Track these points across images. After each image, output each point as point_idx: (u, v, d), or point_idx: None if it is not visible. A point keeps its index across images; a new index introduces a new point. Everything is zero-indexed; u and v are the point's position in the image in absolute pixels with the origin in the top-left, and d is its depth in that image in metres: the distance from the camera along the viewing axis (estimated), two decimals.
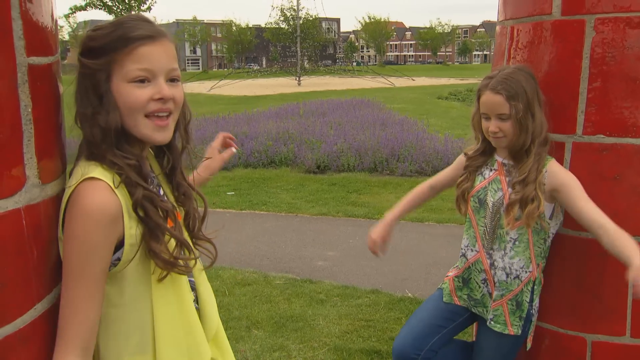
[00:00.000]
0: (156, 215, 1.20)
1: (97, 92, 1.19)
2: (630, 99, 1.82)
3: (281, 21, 57.77)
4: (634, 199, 1.86)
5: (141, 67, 1.18)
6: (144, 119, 1.21)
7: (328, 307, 4.12)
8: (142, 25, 1.21)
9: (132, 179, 1.18)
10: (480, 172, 2.11)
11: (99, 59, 1.18)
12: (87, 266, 1.14)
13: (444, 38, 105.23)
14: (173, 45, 1.26)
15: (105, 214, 1.14)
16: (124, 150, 1.20)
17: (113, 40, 1.18)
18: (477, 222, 2.07)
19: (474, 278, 2.10)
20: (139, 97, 1.19)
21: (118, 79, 1.19)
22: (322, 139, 10.53)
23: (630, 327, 1.91)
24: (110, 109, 1.18)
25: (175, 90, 1.23)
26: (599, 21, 1.83)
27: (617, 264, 1.88)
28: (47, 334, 1.17)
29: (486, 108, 1.96)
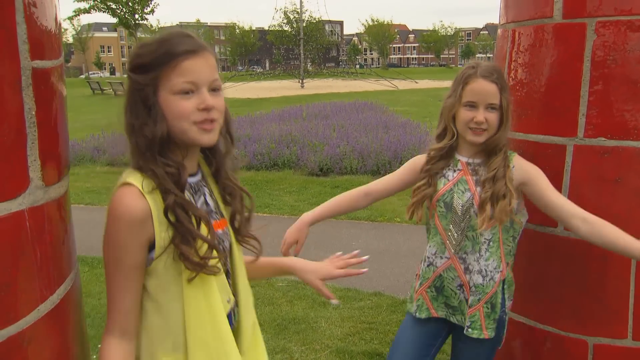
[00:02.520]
0: (187, 220, 1.28)
1: (145, 104, 1.29)
2: (632, 102, 1.82)
3: (284, 24, 57.96)
4: (635, 202, 1.87)
5: (185, 79, 1.28)
6: (192, 126, 1.30)
7: (330, 309, 4.12)
8: (185, 40, 1.31)
9: (166, 186, 1.27)
10: (442, 175, 1.99)
11: (147, 74, 1.28)
12: (117, 262, 1.27)
13: (447, 41, 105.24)
14: (214, 57, 1.36)
15: (132, 216, 1.25)
16: (167, 158, 1.30)
17: (159, 57, 1.28)
18: (445, 227, 1.97)
19: (448, 285, 1.99)
20: (185, 107, 1.28)
21: (165, 91, 1.28)
22: (325, 141, 10.54)
23: (632, 330, 1.91)
24: (158, 119, 1.29)
25: (216, 99, 1.32)
26: (600, 24, 1.83)
27: (618, 266, 1.89)
28: (51, 335, 1.18)
29: (476, 96, 1.88)
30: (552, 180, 1.96)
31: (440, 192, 1.96)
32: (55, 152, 1.22)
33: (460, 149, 1.99)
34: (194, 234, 1.28)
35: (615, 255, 1.88)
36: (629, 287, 1.89)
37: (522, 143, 2.05)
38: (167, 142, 1.30)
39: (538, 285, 2.06)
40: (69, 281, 1.29)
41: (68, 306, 1.28)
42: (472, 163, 1.96)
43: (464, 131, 1.92)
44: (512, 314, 2.13)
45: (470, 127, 1.89)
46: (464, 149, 1.98)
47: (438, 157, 1.99)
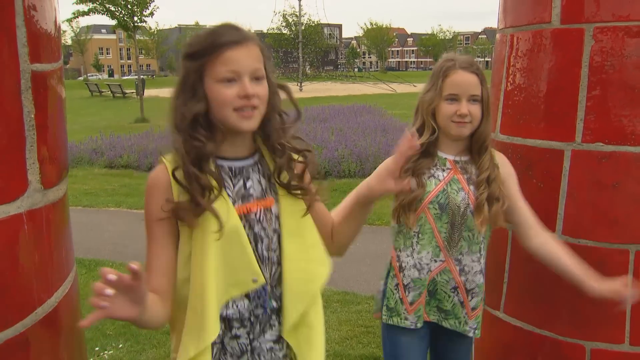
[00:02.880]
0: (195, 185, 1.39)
1: (192, 88, 1.40)
2: (629, 107, 1.83)
3: (283, 27, 57.93)
4: (633, 207, 1.87)
5: (228, 68, 1.37)
6: (233, 112, 1.40)
7: (328, 313, 4.11)
8: (230, 32, 1.41)
9: (182, 159, 1.39)
10: (431, 175, 1.90)
11: (194, 62, 1.40)
12: (148, 229, 1.45)
13: (445, 44, 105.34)
14: (258, 48, 1.45)
15: (155, 184, 1.44)
16: (200, 133, 1.41)
17: (205, 47, 1.39)
18: (439, 229, 1.89)
19: (441, 289, 1.94)
20: (227, 94, 1.38)
21: (209, 78, 1.39)
22: (324, 144, 10.54)
23: (629, 335, 1.91)
24: (199, 99, 1.40)
25: (258, 87, 1.42)
26: (597, 30, 1.84)
27: (615, 271, 1.89)
28: (48, 338, 1.17)
29: (457, 88, 1.84)
30: (550, 185, 1.97)
31: (434, 192, 1.88)
32: (54, 155, 1.22)
33: (443, 147, 1.92)
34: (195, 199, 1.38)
35: (612, 260, 1.89)
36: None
37: (520, 147, 2.05)
38: (204, 121, 1.41)
39: (535, 289, 2.06)
40: (67, 284, 1.29)
41: (66, 309, 1.28)
42: (459, 161, 1.92)
43: (447, 125, 1.87)
44: (509, 318, 2.14)
45: (453, 120, 1.84)
46: (447, 147, 1.92)
47: (417, 155, 1.89)
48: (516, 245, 2.10)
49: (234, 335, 1.51)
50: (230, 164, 1.50)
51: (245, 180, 1.51)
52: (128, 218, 7.24)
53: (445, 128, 1.88)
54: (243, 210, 1.48)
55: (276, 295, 1.54)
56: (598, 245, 1.90)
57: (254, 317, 1.52)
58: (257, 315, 1.52)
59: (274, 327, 1.55)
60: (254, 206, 1.50)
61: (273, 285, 1.53)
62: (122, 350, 3.73)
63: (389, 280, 2.02)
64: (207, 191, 1.41)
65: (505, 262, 2.14)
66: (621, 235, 1.87)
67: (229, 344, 1.51)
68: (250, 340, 1.52)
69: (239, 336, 1.51)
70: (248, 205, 1.49)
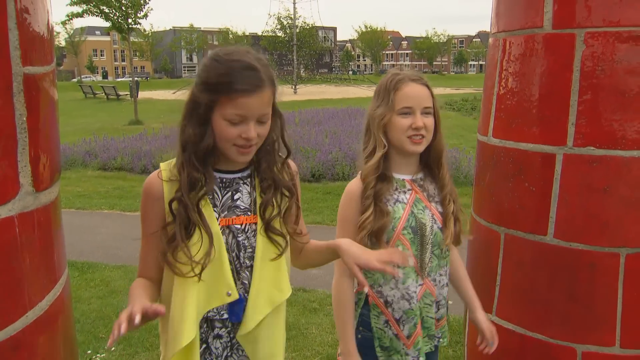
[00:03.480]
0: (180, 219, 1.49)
1: (201, 117, 1.49)
2: (620, 112, 1.84)
3: (278, 29, 57.97)
4: (623, 211, 1.88)
5: (237, 112, 1.46)
6: (232, 147, 1.51)
7: (321, 315, 4.12)
8: (247, 76, 1.46)
9: (181, 184, 1.49)
10: (394, 200, 1.84)
11: (207, 94, 1.47)
12: (142, 227, 1.58)
13: (439, 48, 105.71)
14: (271, 91, 1.52)
15: (148, 192, 1.55)
16: (203, 164, 1.51)
17: (221, 85, 1.45)
18: (415, 253, 1.83)
19: (427, 315, 1.88)
20: (230, 133, 1.48)
21: (218, 114, 1.47)
22: (318, 147, 10.56)
23: (619, 338, 1.93)
24: (207, 134, 1.50)
25: (260, 128, 1.52)
26: (589, 35, 1.85)
27: (606, 274, 1.90)
28: (39, 341, 1.17)
29: (410, 100, 1.79)
30: (542, 189, 1.98)
31: (404, 218, 1.82)
32: (46, 158, 1.22)
33: (397, 167, 1.87)
34: (177, 234, 1.48)
35: (603, 264, 1.90)
36: (617, 295, 1.90)
37: (512, 151, 2.06)
38: (210, 151, 1.51)
39: (527, 293, 2.07)
40: (59, 287, 1.29)
41: (57, 312, 1.27)
42: (416, 179, 1.88)
43: (401, 141, 1.81)
44: (501, 321, 2.15)
45: (408, 135, 1.79)
46: (400, 167, 1.87)
47: (374, 180, 1.83)
48: (508, 249, 2.11)
49: (217, 334, 1.61)
50: (222, 175, 1.59)
51: (233, 193, 1.60)
52: (121, 220, 7.22)
53: (399, 145, 1.82)
54: (227, 222, 1.57)
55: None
56: (589, 248, 1.91)
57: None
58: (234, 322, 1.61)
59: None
60: (240, 220, 1.59)
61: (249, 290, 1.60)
62: (114, 353, 3.71)
63: (374, 320, 1.90)
64: (191, 226, 1.49)
65: (497, 266, 2.15)
66: (612, 239, 1.88)
67: (212, 344, 1.60)
68: (230, 338, 1.62)
69: (221, 336, 1.61)
70: (233, 219, 1.58)
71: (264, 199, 1.60)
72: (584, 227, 1.92)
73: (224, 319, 1.59)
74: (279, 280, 1.64)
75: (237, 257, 1.58)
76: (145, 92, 40.00)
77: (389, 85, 1.82)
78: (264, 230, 1.59)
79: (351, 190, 1.90)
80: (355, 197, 1.86)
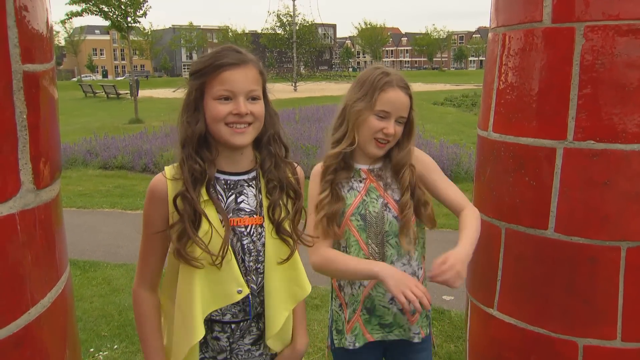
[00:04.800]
0: (187, 215, 1.49)
1: (194, 105, 1.52)
2: (620, 106, 1.84)
3: (277, 27, 57.88)
4: (623, 204, 1.88)
5: (224, 87, 1.49)
6: (225, 127, 1.51)
7: (323, 312, 4.12)
8: (230, 54, 1.51)
9: (184, 179, 1.50)
10: (349, 187, 1.88)
11: (197, 80, 1.52)
12: (144, 228, 1.60)
13: (439, 44, 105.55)
14: (257, 70, 1.55)
15: (153, 193, 1.56)
16: (201, 155, 1.52)
17: (207, 67, 1.50)
18: (365, 241, 1.85)
19: (379, 303, 1.89)
20: (221, 111, 1.49)
21: (208, 96, 1.51)
22: (318, 144, 10.56)
23: (621, 331, 1.93)
24: (199, 119, 1.51)
25: (253, 106, 1.52)
26: (588, 29, 1.85)
27: (607, 268, 1.91)
28: (41, 339, 1.17)
29: (391, 106, 1.80)
30: (543, 183, 1.98)
31: (354, 204, 1.86)
32: (47, 155, 1.22)
33: (358, 158, 1.90)
34: (186, 229, 1.48)
35: (604, 258, 1.90)
36: (618, 288, 1.91)
37: (512, 146, 2.06)
38: (205, 140, 1.53)
39: (527, 287, 2.07)
40: (60, 284, 1.29)
41: (59, 310, 1.28)
42: (373, 169, 1.90)
43: (367, 141, 1.83)
44: (503, 315, 2.15)
45: (376, 137, 1.82)
46: (361, 158, 1.90)
47: (335, 166, 1.87)
48: (509, 244, 2.11)
49: (214, 337, 1.62)
50: (226, 177, 1.60)
51: (237, 195, 1.59)
52: (122, 219, 7.23)
53: (364, 143, 1.85)
54: (232, 224, 1.57)
55: (258, 302, 1.63)
56: (590, 242, 1.91)
57: (234, 323, 1.62)
58: (237, 322, 1.62)
59: (252, 332, 1.65)
60: (245, 221, 1.59)
61: (257, 294, 1.62)
62: (117, 351, 3.72)
63: (333, 302, 1.98)
64: (197, 219, 1.51)
65: (498, 260, 2.15)
66: (613, 232, 1.89)
67: (211, 341, 1.62)
68: (229, 343, 1.63)
69: (219, 339, 1.62)
70: (238, 220, 1.58)
71: (271, 200, 1.60)
72: (584, 221, 1.92)
73: (224, 321, 1.60)
74: (298, 278, 1.66)
75: (242, 261, 1.58)
76: (145, 91, 39.98)
77: (376, 84, 1.82)
78: (275, 233, 1.59)
79: (315, 171, 1.96)
80: (317, 179, 1.92)
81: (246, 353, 1.66)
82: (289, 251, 1.61)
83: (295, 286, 1.66)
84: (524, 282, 2.09)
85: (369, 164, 1.91)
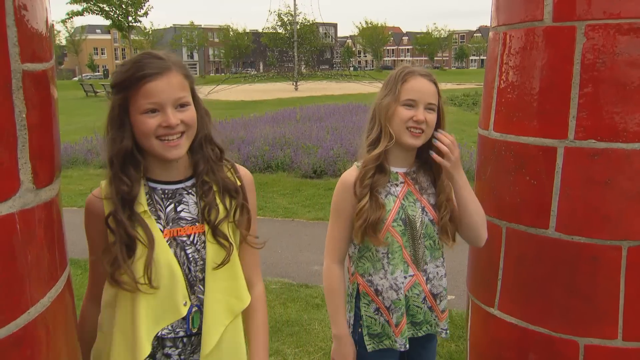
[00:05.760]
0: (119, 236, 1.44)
1: (119, 120, 1.44)
2: (621, 104, 1.84)
3: (278, 26, 57.93)
4: (625, 204, 1.88)
5: (149, 100, 1.40)
6: (156, 141, 1.43)
7: (324, 311, 4.12)
8: (150, 63, 1.41)
9: (113, 200, 1.45)
10: (387, 192, 1.88)
11: (118, 94, 1.44)
12: (89, 246, 1.58)
13: (440, 43, 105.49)
14: (181, 75, 1.45)
15: (89, 209, 1.54)
16: (127, 174, 1.45)
17: (126, 79, 1.42)
18: (405, 245, 1.89)
19: (413, 303, 1.94)
20: (149, 125, 1.41)
21: (133, 110, 1.43)
22: (319, 143, 10.55)
23: (622, 331, 1.92)
24: (125, 135, 1.43)
25: (183, 114, 1.44)
26: (589, 27, 1.84)
27: (608, 267, 1.90)
28: (41, 338, 1.17)
29: (416, 94, 1.81)
30: (543, 183, 1.98)
31: (394, 210, 1.87)
32: (46, 154, 1.22)
33: (393, 160, 1.90)
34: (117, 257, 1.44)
35: (605, 257, 1.90)
36: (619, 287, 1.90)
37: (513, 145, 2.06)
38: (132, 156, 1.45)
39: (529, 286, 2.07)
40: (60, 284, 1.29)
41: (59, 309, 1.27)
42: (409, 172, 1.92)
43: (401, 132, 1.83)
44: (504, 315, 2.14)
45: (408, 126, 1.82)
46: (397, 160, 1.90)
47: (373, 169, 1.85)
48: (509, 243, 2.11)
49: (166, 354, 1.54)
50: (163, 187, 1.53)
51: (177, 204, 1.53)
52: None
53: (399, 136, 1.84)
54: (173, 234, 1.51)
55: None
56: (591, 241, 1.91)
57: (186, 337, 1.54)
58: (189, 336, 1.55)
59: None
60: (186, 230, 1.52)
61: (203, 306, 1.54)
62: None
63: (364, 308, 1.96)
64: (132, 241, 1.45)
65: (499, 259, 2.15)
66: (614, 232, 1.88)
67: (161, 359, 1.54)
68: (181, 359, 1.55)
69: (170, 355, 1.54)
70: (178, 230, 1.52)
71: (205, 201, 1.52)
72: (585, 220, 1.91)
73: (177, 337, 1.53)
74: (236, 288, 1.59)
75: (189, 270, 1.52)
76: None
77: (398, 77, 1.85)
78: (212, 236, 1.52)
79: (346, 179, 1.93)
80: (349, 187, 1.89)
81: None
82: (225, 255, 1.53)
83: (234, 298, 1.57)
84: (525, 281, 2.08)
85: (405, 167, 1.92)
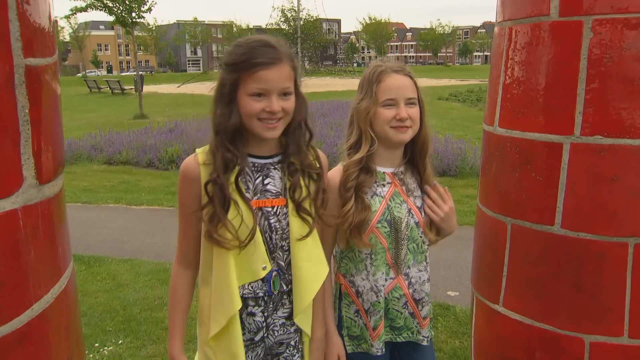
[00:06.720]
0: (218, 199, 1.59)
1: (227, 98, 1.61)
2: (628, 100, 1.82)
3: (282, 22, 57.79)
4: (632, 200, 1.87)
5: (259, 86, 1.57)
6: (257, 121, 1.61)
7: None
8: (266, 52, 1.57)
9: (215, 166, 1.61)
10: (373, 193, 1.86)
11: (231, 74, 1.59)
12: (180, 208, 1.72)
13: (444, 39, 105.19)
14: (290, 66, 1.62)
15: (186, 174, 1.68)
16: (234, 145, 1.62)
17: (242, 62, 1.57)
18: (389, 246, 1.87)
19: (393, 307, 1.91)
20: (254, 108, 1.59)
21: (242, 91, 1.59)
22: (323, 139, 10.54)
23: (628, 328, 1.91)
24: (234, 113, 1.60)
25: (285, 103, 1.61)
26: (596, 22, 1.83)
27: (614, 264, 1.89)
28: (45, 334, 1.17)
29: (394, 92, 1.79)
30: (549, 179, 1.97)
31: (380, 211, 1.84)
32: (50, 150, 1.21)
33: (379, 160, 1.87)
34: (217, 212, 1.59)
35: (611, 254, 1.88)
36: (625, 285, 1.89)
37: (518, 141, 2.04)
38: (239, 131, 1.62)
39: (533, 283, 2.06)
40: (64, 280, 1.28)
41: (63, 305, 1.27)
42: (397, 173, 1.88)
43: (386, 132, 1.80)
44: (509, 312, 2.14)
45: (392, 125, 1.79)
46: (383, 159, 1.87)
47: (357, 172, 1.83)
48: (515, 240, 2.10)
49: (250, 312, 1.71)
50: (254, 160, 1.70)
51: (264, 177, 1.70)
52: (127, 214, 7.24)
53: (384, 136, 1.82)
54: (259, 204, 1.68)
55: (287, 279, 1.73)
56: (597, 238, 1.90)
57: (267, 296, 1.71)
58: (270, 295, 1.72)
59: (285, 305, 1.75)
60: (270, 202, 1.70)
61: (285, 270, 1.73)
62: (121, 346, 3.73)
63: (344, 309, 1.94)
64: (227, 204, 1.60)
65: (504, 256, 2.14)
66: (620, 229, 1.87)
67: (246, 320, 1.71)
68: (265, 317, 1.72)
69: (255, 314, 1.71)
70: (264, 201, 1.69)
71: (292, 181, 1.69)
72: (591, 217, 1.90)
73: (258, 296, 1.69)
74: (319, 255, 1.75)
75: (270, 239, 1.69)
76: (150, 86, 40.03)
77: (372, 78, 1.82)
78: (296, 211, 1.69)
79: (332, 178, 1.91)
80: (334, 188, 1.88)
81: (281, 328, 1.74)
82: (308, 229, 1.70)
83: (319, 265, 1.74)
84: (530, 278, 2.07)
85: (392, 167, 1.89)
